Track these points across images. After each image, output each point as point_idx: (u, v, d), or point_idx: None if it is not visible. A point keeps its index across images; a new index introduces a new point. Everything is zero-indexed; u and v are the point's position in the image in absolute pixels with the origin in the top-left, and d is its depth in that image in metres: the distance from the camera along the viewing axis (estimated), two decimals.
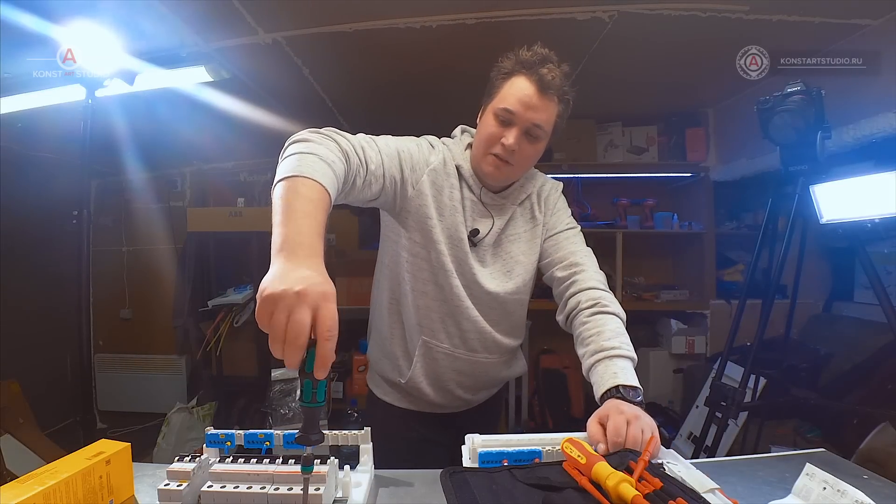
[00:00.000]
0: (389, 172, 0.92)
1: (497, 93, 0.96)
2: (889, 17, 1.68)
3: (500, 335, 1.08)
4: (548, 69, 0.92)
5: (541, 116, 0.93)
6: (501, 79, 0.96)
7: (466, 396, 1.13)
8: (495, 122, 0.95)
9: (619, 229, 2.90)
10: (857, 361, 2.20)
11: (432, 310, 1.04)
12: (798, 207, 1.57)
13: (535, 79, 0.92)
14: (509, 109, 0.93)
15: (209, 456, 0.72)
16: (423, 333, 1.05)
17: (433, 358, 1.07)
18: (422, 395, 1.10)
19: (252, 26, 1.72)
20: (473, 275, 1.02)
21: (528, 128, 0.94)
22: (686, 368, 2.86)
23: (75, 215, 1.72)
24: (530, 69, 0.93)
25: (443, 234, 1.00)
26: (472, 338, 1.06)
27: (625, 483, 0.59)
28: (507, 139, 0.93)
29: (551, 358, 2.92)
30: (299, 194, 0.67)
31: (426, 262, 1.01)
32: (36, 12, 1.48)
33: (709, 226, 2.88)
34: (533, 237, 1.08)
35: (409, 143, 1.00)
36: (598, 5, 1.66)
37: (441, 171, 1.01)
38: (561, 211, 1.11)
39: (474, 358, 1.07)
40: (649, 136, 2.96)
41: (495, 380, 1.17)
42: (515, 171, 1.00)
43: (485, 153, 0.97)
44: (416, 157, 0.98)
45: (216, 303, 2.84)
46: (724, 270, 2.94)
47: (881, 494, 0.67)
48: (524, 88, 0.92)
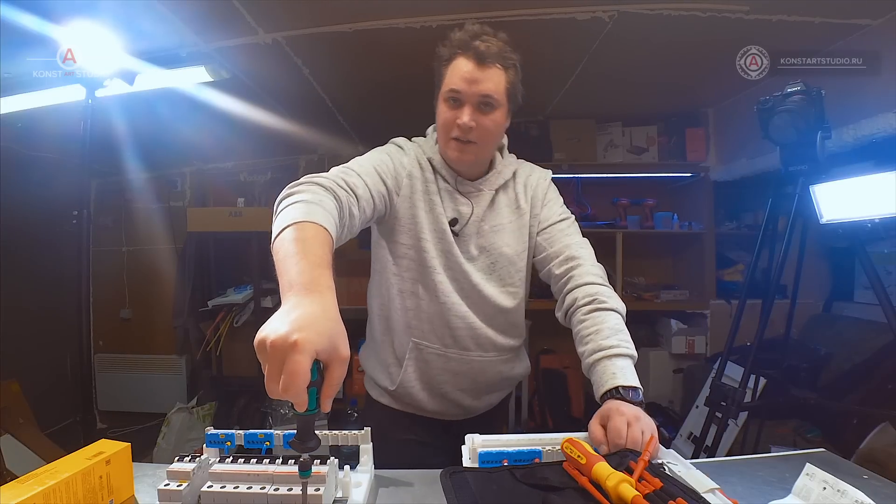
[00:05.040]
0: (376, 189, 0.94)
1: (443, 80, 0.97)
2: (889, 17, 1.68)
3: (494, 332, 1.06)
4: (482, 41, 0.93)
5: (487, 87, 0.93)
6: (443, 66, 0.97)
7: (466, 402, 1.09)
8: (447, 107, 0.96)
9: (619, 229, 2.90)
10: (857, 361, 2.20)
11: (421, 310, 1.03)
12: (798, 207, 1.57)
13: (472, 54, 0.93)
14: (455, 89, 0.94)
15: (209, 456, 0.72)
16: (413, 335, 1.04)
17: (424, 360, 1.05)
18: (415, 402, 1.07)
19: (252, 26, 1.72)
20: (461, 267, 1.01)
21: (478, 101, 0.94)
22: (686, 368, 2.86)
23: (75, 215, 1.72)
24: (466, 47, 0.94)
25: (428, 229, 1.00)
26: (463, 335, 1.04)
27: (625, 483, 0.59)
28: (461, 118, 0.94)
29: (551, 358, 2.92)
30: (297, 239, 0.65)
31: (413, 262, 1.02)
32: (36, 12, 1.48)
33: (709, 226, 2.88)
34: (519, 227, 1.06)
35: (380, 156, 1.01)
36: (598, 5, 1.66)
37: (416, 168, 1.02)
38: (552, 202, 1.09)
39: (468, 357, 1.05)
40: (649, 136, 2.96)
41: (495, 381, 1.12)
42: (481, 149, 0.99)
43: (446, 140, 0.98)
44: (391, 165, 1.00)
45: (216, 303, 2.84)
46: (724, 270, 2.94)
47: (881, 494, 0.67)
48: (464, 66, 0.94)
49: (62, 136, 2.14)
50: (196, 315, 2.86)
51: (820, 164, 1.51)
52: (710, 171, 2.85)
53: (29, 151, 2.53)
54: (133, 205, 3.18)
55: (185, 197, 3.25)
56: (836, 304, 2.72)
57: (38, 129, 2.27)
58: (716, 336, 2.76)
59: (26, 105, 1.94)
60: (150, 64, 1.78)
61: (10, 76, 1.76)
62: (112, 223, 3.23)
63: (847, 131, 1.75)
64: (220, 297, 2.89)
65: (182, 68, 1.89)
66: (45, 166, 2.60)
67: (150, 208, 3.17)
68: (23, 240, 2.56)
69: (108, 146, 2.36)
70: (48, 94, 1.87)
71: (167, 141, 2.66)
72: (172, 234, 3.10)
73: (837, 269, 2.75)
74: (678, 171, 3.02)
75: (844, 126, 1.75)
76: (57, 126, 2.14)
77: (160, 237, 3.12)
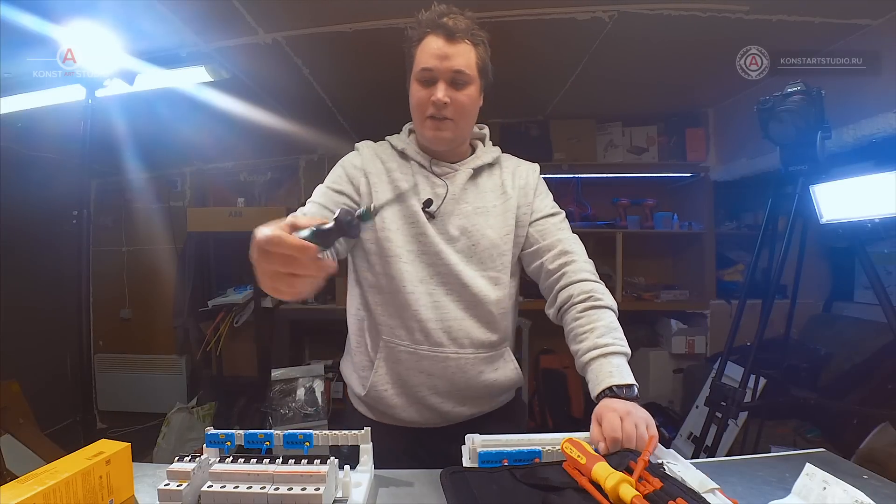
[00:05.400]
0: (332, 202, 0.97)
1: (413, 61, 0.97)
2: (889, 17, 1.68)
3: (472, 323, 1.00)
4: (449, 18, 0.94)
5: (459, 62, 0.94)
6: (413, 46, 0.97)
7: (446, 408, 1.01)
8: (420, 86, 0.96)
9: (619, 229, 2.89)
10: (857, 361, 2.20)
11: (388, 304, 1.00)
12: (798, 207, 1.57)
13: (441, 31, 0.93)
14: (427, 67, 0.94)
15: (209, 456, 0.72)
16: (383, 333, 1.01)
17: (396, 359, 1.00)
18: (390, 409, 1.02)
19: (252, 26, 1.72)
20: (436, 248, 0.98)
21: (451, 77, 0.94)
22: (686, 368, 2.86)
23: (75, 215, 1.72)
24: (434, 26, 0.94)
25: (393, 218, 0.99)
26: (434, 328, 0.98)
27: (625, 483, 0.59)
28: (435, 94, 0.94)
29: (551, 358, 2.92)
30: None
31: (377, 255, 1.00)
32: (36, 12, 1.48)
33: (709, 226, 2.88)
34: (504, 212, 1.03)
35: (334, 170, 1.04)
36: (598, 5, 1.66)
37: (374, 163, 1.03)
38: (544, 195, 1.08)
39: (441, 353, 0.99)
40: (649, 136, 2.96)
41: (475, 384, 1.02)
42: (459, 126, 0.98)
43: (422, 120, 0.98)
44: (342, 173, 1.02)
45: (216, 303, 2.85)
46: (724, 270, 2.94)
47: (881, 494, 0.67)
48: (434, 43, 0.94)
49: (62, 136, 2.14)
50: (196, 315, 2.86)
51: (820, 164, 1.51)
52: (710, 171, 2.85)
53: (29, 151, 2.53)
54: (133, 205, 3.19)
55: (185, 197, 3.26)
56: (836, 304, 2.72)
57: (38, 129, 2.27)
58: (716, 336, 2.76)
59: (26, 105, 1.94)
60: (150, 64, 1.78)
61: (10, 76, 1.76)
62: (112, 223, 3.23)
63: (847, 131, 1.76)
64: (220, 297, 2.89)
65: (182, 68, 1.89)
66: (45, 166, 2.60)
67: (150, 208, 3.17)
68: (23, 240, 2.56)
69: (108, 146, 2.36)
70: (48, 94, 1.87)
71: (167, 141, 2.66)
72: (172, 234, 3.10)
73: (837, 269, 2.75)
74: (678, 171, 3.01)
75: (844, 126, 1.75)
76: (57, 126, 2.14)
77: (160, 237, 3.13)
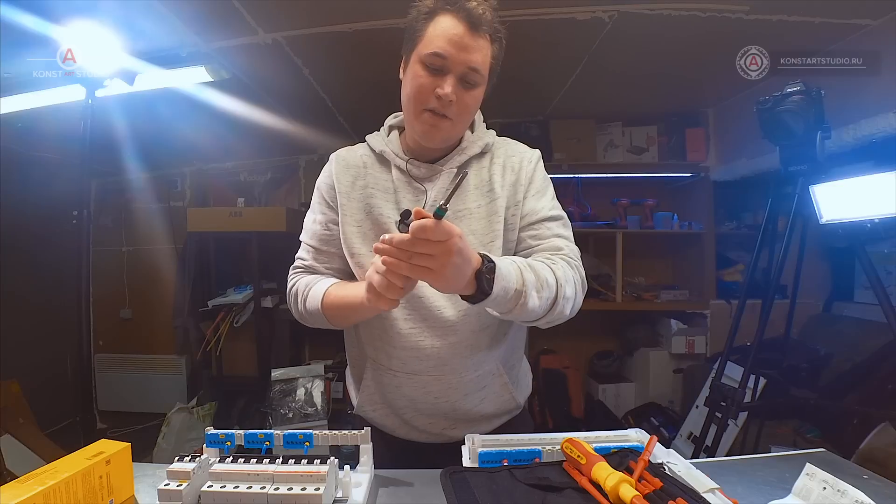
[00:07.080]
0: (327, 225, 0.93)
1: (421, 37, 0.81)
2: (889, 17, 1.68)
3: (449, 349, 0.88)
4: (476, 2, 0.79)
5: (476, 58, 0.79)
6: (423, 20, 0.81)
7: (436, 430, 0.93)
8: (425, 72, 0.80)
9: (619, 229, 2.89)
10: (857, 361, 2.20)
11: (371, 326, 0.92)
12: (798, 207, 1.58)
13: (464, 15, 0.78)
14: (440, 54, 0.78)
15: (209, 456, 0.72)
16: (369, 354, 0.94)
17: (380, 381, 0.94)
18: (382, 427, 0.96)
19: (252, 26, 1.72)
20: None
21: (464, 73, 0.80)
22: (686, 368, 2.86)
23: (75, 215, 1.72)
24: (455, 4, 0.79)
25: (363, 240, 0.89)
26: (411, 356, 0.89)
27: (625, 483, 0.59)
28: (442, 88, 0.79)
29: (551, 358, 2.92)
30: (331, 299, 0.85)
31: (354, 277, 0.92)
32: (36, 12, 1.48)
33: (709, 226, 2.88)
34: (489, 213, 0.88)
35: (313, 198, 0.97)
36: (598, 5, 1.66)
37: (344, 175, 0.92)
38: (541, 193, 0.91)
39: (420, 379, 0.90)
40: (649, 136, 2.96)
41: (462, 409, 0.92)
42: (455, 127, 0.85)
43: (418, 111, 0.82)
44: (322, 199, 0.94)
45: (216, 303, 2.84)
46: (724, 270, 2.94)
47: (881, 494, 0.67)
48: (453, 27, 0.78)
49: (62, 136, 2.14)
50: (196, 315, 2.86)
51: (820, 164, 1.51)
52: (710, 170, 2.85)
53: (29, 151, 2.53)
54: (133, 205, 3.19)
55: (185, 197, 3.26)
56: (836, 304, 2.72)
57: (38, 129, 2.27)
58: (716, 336, 2.76)
59: (26, 105, 1.94)
60: (150, 64, 1.78)
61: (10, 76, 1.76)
62: (112, 223, 3.24)
63: (847, 131, 1.76)
64: (220, 297, 2.89)
65: (182, 68, 1.89)
66: (45, 166, 2.60)
67: (150, 208, 3.17)
68: (23, 240, 2.56)
69: (108, 146, 2.36)
70: (48, 94, 1.87)
71: (167, 141, 2.66)
72: (172, 234, 3.11)
73: (837, 269, 2.75)
74: (678, 171, 3.02)
75: (844, 126, 1.75)
76: (57, 126, 2.15)
77: (160, 237, 3.13)
